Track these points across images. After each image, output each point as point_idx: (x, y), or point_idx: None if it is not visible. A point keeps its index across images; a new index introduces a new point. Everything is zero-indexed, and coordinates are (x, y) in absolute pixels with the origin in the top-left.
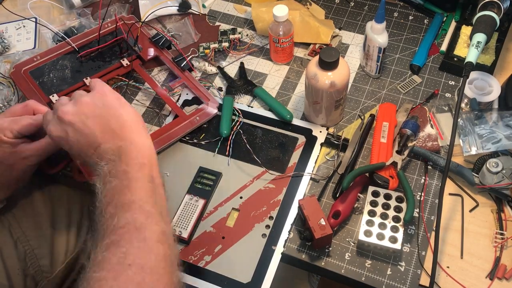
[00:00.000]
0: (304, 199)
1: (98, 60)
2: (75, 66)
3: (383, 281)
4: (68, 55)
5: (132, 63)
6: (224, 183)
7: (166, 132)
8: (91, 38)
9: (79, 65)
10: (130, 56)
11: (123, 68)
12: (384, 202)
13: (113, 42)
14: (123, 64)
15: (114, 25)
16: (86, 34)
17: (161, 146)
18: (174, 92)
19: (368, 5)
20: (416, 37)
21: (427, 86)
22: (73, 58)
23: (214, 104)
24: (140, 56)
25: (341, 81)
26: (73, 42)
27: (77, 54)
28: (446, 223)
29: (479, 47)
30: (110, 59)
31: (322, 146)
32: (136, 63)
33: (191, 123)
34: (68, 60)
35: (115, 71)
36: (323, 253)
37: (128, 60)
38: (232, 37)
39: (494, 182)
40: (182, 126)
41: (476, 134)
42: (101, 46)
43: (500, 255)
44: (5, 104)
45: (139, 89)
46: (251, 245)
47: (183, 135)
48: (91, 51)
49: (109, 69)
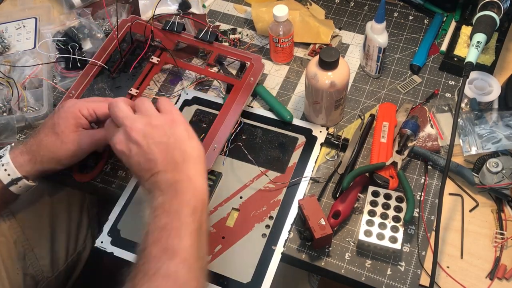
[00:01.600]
0: (304, 199)
1: (129, 69)
2: (112, 84)
3: (383, 281)
4: (98, 77)
5: (161, 57)
6: (224, 183)
7: (232, 104)
8: (110, 52)
9: (115, 81)
10: (154, 53)
11: (156, 66)
12: (384, 202)
13: (131, 47)
14: (154, 62)
15: (122, 31)
16: (103, 49)
17: (236, 117)
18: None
19: (368, 5)
20: (416, 37)
21: (427, 86)
22: (106, 78)
23: (258, 59)
24: (164, 48)
25: (341, 81)
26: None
27: (106, 72)
28: (446, 223)
29: (479, 47)
30: (139, 63)
31: (322, 146)
32: (165, 56)
33: (249, 85)
34: (101, 81)
35: (151, 72)
36: (323, 253)
37: (156, 56)
38: (232, 37)
39: (494, 182)
40: (243, 92)
41: (476, 134)
42: (124, 54)
43: (500, 255)
44: (5, 104)
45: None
46: (251, 245)
47: (247, 102)
48: (118, 63)
49: (144, 72)
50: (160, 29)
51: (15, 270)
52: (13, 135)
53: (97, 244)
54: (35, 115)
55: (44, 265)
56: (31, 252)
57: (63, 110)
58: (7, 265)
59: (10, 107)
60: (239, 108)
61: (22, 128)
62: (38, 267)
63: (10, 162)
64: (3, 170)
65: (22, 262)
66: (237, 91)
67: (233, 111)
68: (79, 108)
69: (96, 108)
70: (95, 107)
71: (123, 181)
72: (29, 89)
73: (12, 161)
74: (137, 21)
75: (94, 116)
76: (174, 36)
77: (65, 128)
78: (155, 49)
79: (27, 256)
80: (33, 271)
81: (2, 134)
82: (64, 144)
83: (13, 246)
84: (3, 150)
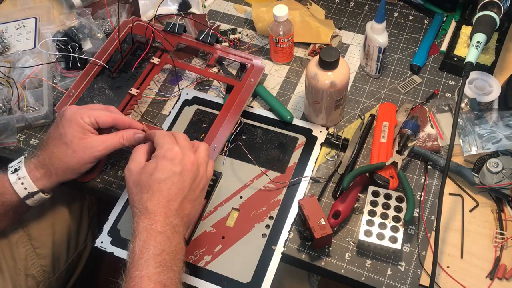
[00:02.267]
0: (304, 199)
1: (129, 69)
2: (112, 84)
3: (383, 281)
4: (99, 77)
5: (162, 58)
6: (224, 183)
7: (232, 105)
8: (110, 52)
9: (115, 81)
10: (155, 54)
11: (157, 67)
12: (384, 202)
13: (132, 48)
14: (155, 63)
15: (124, 31)
16: (104, 50)
17: (236, 118)
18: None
19: (368, 5)
20: (416, 37)
21: (427, 86)
22: (106, 78)
23: (258, 59)
24: (164, 49)
25: (341, 81)
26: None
27: (106, 72)
28: (446, 223)
29: (479, 47)
30: (140, 64)
31: (322, 146)
32: (165, 56)
33: (249, 86)
34: (101, 80)
35: (152, 72)
36: (323, 253)
37: (157, 57)
38: (232, 37)
39: (494, 182)
40: (243, 93)
41: (476, 134)
42: (124, 55)
43: (500, 255)
44: (5, 104)
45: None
46: (251, 245)
47: (248, 102)
48: (118, 64)
49: (145, 72)
50: (160, 30)
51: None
52: (13, 135)
53: (97, 244)
54: (35, 115)
55: (45, 265)
56: (32, 253)
57: (66, 119)
58: (8, 265)
59: (10, 107)
60: (239, 109)
61: (22, 128)
62: (40, 268)
63: (27, 176)
64: (19, 183)
65: (24, 262)
66: (237, 92)
67: (233, 112)
68: (81, 116)
69: (97, 116)
70: (96, 115)
71: (123, 181)
72: (29, 89)
73: (28, 174)
74: (138, 22)
75: (96, 125)
76: (175, 38)
77: (73, 137)
78: (156, 50)
79: (28, 256)
80: (35, 272)
81: (2, 134)
82: (75, 153)
83: (14, 246)
84: (17, 162)
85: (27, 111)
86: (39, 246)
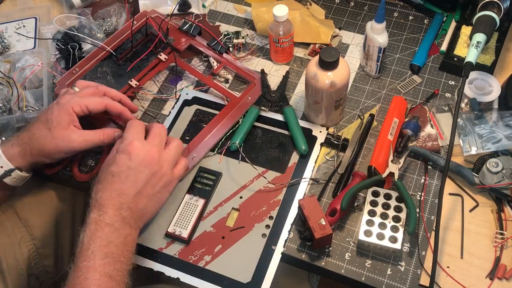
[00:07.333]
0: (304, 199)
1: (136, 60)
2: (115, 70)
3: (383, 281)
4: (105, 61)
5: (169, 56)
6: (224, 183)
7: (223, 118)
8: (122, 39)
9: (119, 69)
10: (164, 50)
11: (162, 63)
12: (384, 202)
13: (145, 39)
14: (161, 59)
15: (140, 22)
16: (116, 36)
17: (223, 132)
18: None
19: (368, 5)
20: (416, 37)
21: (427, 86)
22: (111, 63)
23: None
24: (174, 47)
25: (341, 81)
26: (107, 46)
27: (113, 58)
28: (446, 223)
29: (479, 47)
30: (147, 56)
31: (322, 146)
32: (173, 55)
33: (245, 104)
34: (107, 65)
35: (156, 68)
36: (323, 253)
37: (165, 53)
38: (236, 41)
39: (494, 182)
40: (237, 109)
41: (476, 134)
42: (135, 45)
43: (500, 255)
44: (5, 104)
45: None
46: (251, 245)
47: (238, 118)
48: (126, 52)
49: (150, 66)
50: (177, 28)
51: (19, 271)
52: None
53: None
54: (35, 115)
55: (48, 266)
56: (35, 253)
57: (57, 106)
58: (11, 265)
59: (10, 107)
60: (229, 124)
61: (22, 128)
62: (43, 268)
63: (1, 154)
64: None
65: (26, 262)
66: (232, 107)
67: (222, 126)
68: (72, 106)
69: (89, 103)
70: (88, 103)
71: None
72: (29, 89)
73: (3, 153)
74: (157, 15)
75: (86, 111)
76: (188, 38)
77: (57, 125)
78: (166, 47)
79: (31, 256)
80: (38, 272)
81: (2, 134)
82: (53, 139)
83: (17, 246)
84: None
85: (27, 111)
86: (42, 246)
